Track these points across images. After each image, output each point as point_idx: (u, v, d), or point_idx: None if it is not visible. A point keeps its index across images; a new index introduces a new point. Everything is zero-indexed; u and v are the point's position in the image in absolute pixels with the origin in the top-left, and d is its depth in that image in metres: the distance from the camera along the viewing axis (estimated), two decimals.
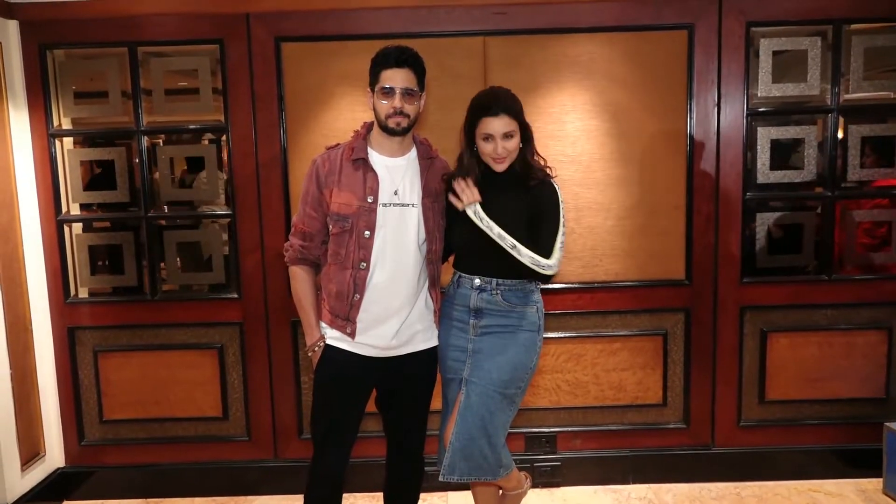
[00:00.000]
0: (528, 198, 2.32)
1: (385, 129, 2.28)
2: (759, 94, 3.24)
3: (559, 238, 2.29)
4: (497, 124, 2.25)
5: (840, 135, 3.26)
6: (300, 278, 2.39)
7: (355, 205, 2.26)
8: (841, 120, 3.25)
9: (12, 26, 3.15)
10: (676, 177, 3.27)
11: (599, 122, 3.24)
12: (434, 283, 2.42)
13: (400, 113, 2.23)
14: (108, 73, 3.23)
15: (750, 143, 3.26)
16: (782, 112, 3.28)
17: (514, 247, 2.24)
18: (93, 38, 3.21)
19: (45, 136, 3.24)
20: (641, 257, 3.31)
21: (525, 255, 2.24)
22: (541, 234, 2.29)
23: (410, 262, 2.32)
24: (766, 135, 3.25)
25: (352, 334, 2.31)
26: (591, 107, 3.23)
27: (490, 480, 2.40)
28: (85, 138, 3.36)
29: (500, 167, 2.31)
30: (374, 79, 2.28)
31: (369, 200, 2.26)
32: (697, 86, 3.21)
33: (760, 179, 3.28)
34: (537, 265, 2.24)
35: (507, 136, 2.27)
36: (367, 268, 2.28)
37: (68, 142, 3.31)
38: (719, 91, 3.22)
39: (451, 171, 2.43)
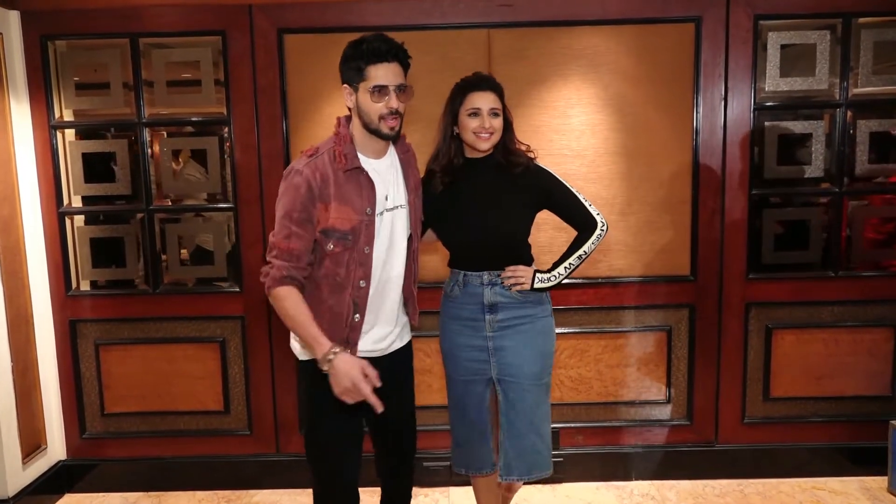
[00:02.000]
0: (517, 187, 2.30)
1: (376, 133, 2.08)
2: (766, 89, 3.20)
3: (582, 199, 2.36)
4: (484, 99, 2.26)
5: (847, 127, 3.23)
6: (291, 296, 2.04)
7: (355, 219, 2.07)
8: (849, 114, 3.21)
9: (13, 17, 3.13)
10: (682, 171, 3.24)
11: (605, 116, 3.21)
12: (416, 279, 2.34)
13: (395, 113, 2.05)
14: (109, 64, 3.21)
15: (757, 138, 3.23)
16: (790, 106, 3.24)
17: (583, 255, 2.36)
18: (94, 29, 3.18)
19: (47, 127, 3.22)
20: (646, 253, 3.29)
21: (594, 244, 2.36)
22: (574, 214, 2.37)
23: (400, 265, 2.23)
24: (773, 129, 3.22)
25: (352, 352, 2.15)
26: (596, 100, 3.20)
27: (547, 475, 2.40)
28: (86, 130, 3.34)
29: (484, 145, 2.27)
30: (357, 75, 2.04)
31: (368, 212, 2.09)
32: (704, 79, 3.17)
33: (767, 174, 3.25)
34: (601, 237, 2.37)
35: (494, 112, 2.27)
36: (367, 285, 2.13)
37: (70, 133, 3.29)
38: (726, 85, 3.18)
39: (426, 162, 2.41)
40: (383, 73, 2.02)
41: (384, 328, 2.25)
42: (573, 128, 3.21)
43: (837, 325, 3.33)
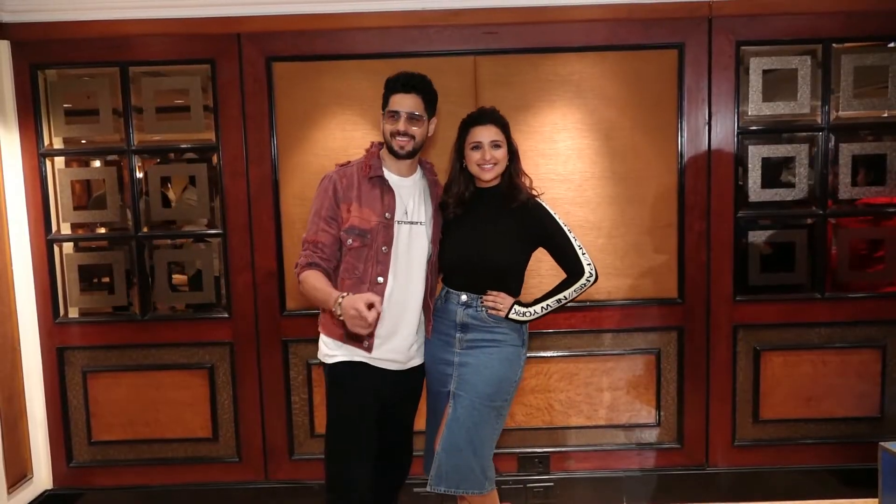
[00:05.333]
0: (514, 220, 2.41)
1: (391, 151, 2.37)
2: (749, 113, 3.24)
3: (576, 246, 2.43)
4: (485, 132, 2.38)
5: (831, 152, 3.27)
6: (313, 275, 2.29)
7: (374, 220, 2.33)
8: (832, 138, 3.25)
9: (3, 46, 3.15)
10: (668, 195, 3.27)
11: (591, 141, 3.24)
12: (433, 293, 2.50)
13: (404, 135, 2.32)
14: (99, 92, 3.23)
15: (741, 161, 3.26)
16: (773, 130, 3.28)
17: (562, 300, 2.42)
18: (84, 58, 3.21)
19: (36, 155, 3.23)
20: (634, 276, 3.30)
21: (576, 293, 2.42)
22: (564, 258, 2.44)
23: (419, 277, 2.41)
24: (757, 153, 3.25)
25: (369, 348, 2.36)
26: (582, 125, 3.23)
27: (477, 494, 2.41)
28: (76, 157, 3.35)
29: (487, 175, 2.39)
30: (384, 102, 2.38)
31: (387, 217, 2.34)
32: (688, 104, 3.22)
33: (752, 197, 3.28)
34: (586, 286, 2.42)
35: (495, 144, 2.38)
36: (385, 282, 2.34)
37: (59, 161, 3.30)
38: (710, 109, 3.22)
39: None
40: (398, 101, 2.34)
41: (404, 340, 2.41)
42: (559, 152, 3.24)
43: (825, 347, 3.34)
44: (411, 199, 2.41)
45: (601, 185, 3.26)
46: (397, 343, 2.40)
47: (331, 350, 2.40)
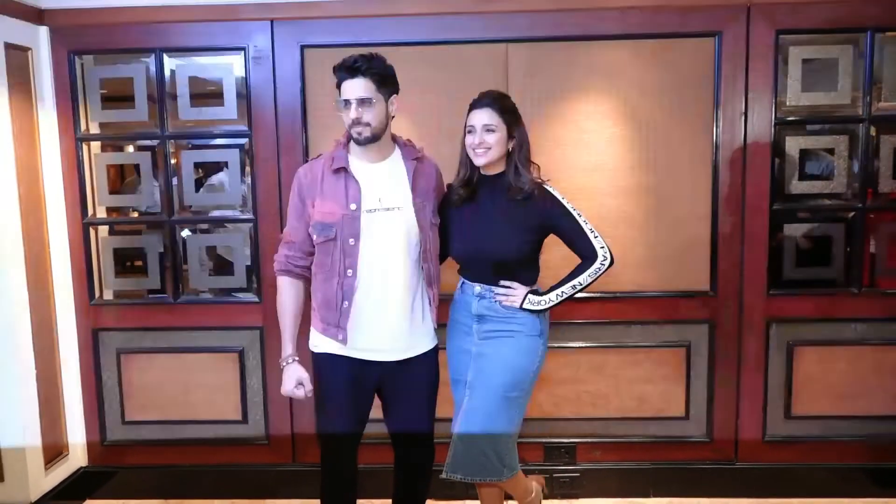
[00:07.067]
0: (520, 210, 2.36)
1: (353, 138, 2.32)
2: (787, 103, 3.17)
3: (588, 229, 2.36)
4: (480, 115, 2.34)
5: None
6: (282, 290, 2.45)
7: (338, 213, 2.30)
8: (873, 130, 3.17)
9: (42, 32, 3.20)
10: (702, 186, 3.22)
11: (623, 131, 3.20)
12: (431, 281, 2.44)
13: (359, 123, 2.26)
14: (134, 78, 3.27)
15: (778, 153, 3.19)
16: (812, 121, 3.21)
17: (577, 286, 2.36)
18: (121, 45, 3.25)
19: (73, 140, 3.28)
20: (665, 267, 3.26)
21: (591, 277, 2.36)
22: (576, 243, 2.39)
23: (402, 266, 2.35)
24: (794, 144, 3.19)
25: (343, 341, 2.35)
26: (614, 114, 3.19)
27: (496, 481, 2.43)
28: (111, 142, 3.40)
29: (479, 160, 2.35)
30: (339, 92, 2.33)
31: (352, 208, 2.30)
32: (724, 94, 3.15)
33: (788, 190, 3.21)
34: (601, 270, 2.36)
35: (488, 129, 2.32)
36: (354, 275, 2.31)
37: (95, 146, 3.36)
38: (746, 99, 3.16)
39: (438, 170, 2.53)
40: (346, 88, 2.28)
41: (388, 331, 2.36)
42: (591, 142, 3.21)
43: (861, 343, 3.27)
44: (386, 184, 2.35)
45: (633, 176, 3.22)
46: (379, 334, 2.36)
47: (315, 340, 2.45)
